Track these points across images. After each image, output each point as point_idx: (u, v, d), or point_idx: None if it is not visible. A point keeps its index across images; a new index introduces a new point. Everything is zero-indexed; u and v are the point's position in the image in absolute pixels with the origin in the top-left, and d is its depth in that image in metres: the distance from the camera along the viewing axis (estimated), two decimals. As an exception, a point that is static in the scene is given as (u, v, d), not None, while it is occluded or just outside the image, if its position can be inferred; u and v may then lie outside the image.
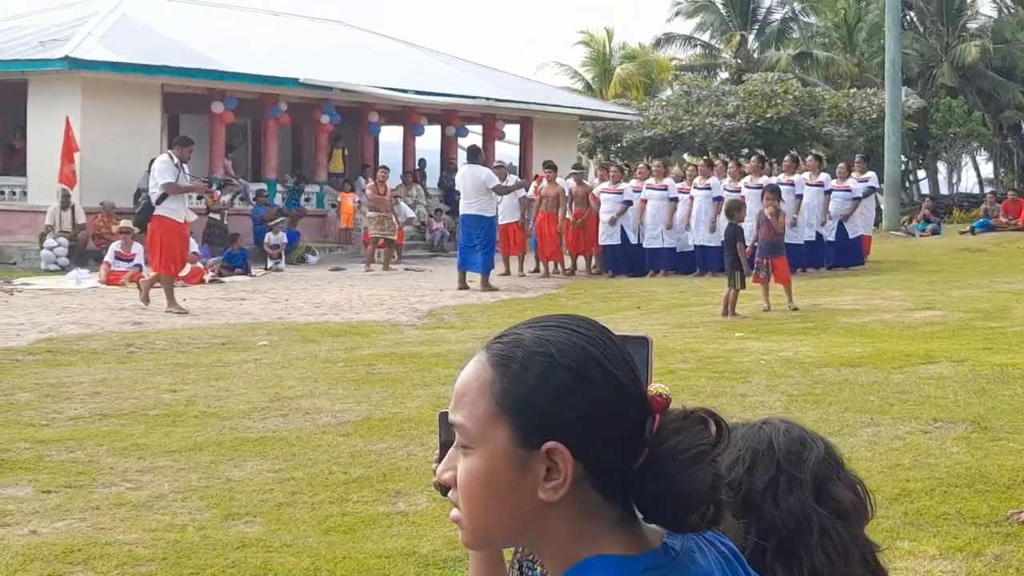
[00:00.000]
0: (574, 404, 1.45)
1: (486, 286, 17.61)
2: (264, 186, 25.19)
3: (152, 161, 16.26)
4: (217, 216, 23.13)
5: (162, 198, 14.22)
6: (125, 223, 19.51)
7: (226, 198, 23.58)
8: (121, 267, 18.61)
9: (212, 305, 15.42)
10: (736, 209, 13.97)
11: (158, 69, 22.75)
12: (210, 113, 24.60)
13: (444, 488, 1.62)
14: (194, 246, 19.34)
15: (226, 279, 19.36)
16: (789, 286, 13.96)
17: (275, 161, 25.89)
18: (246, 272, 20.41)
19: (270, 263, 21.80)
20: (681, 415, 1.45)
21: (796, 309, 13.48)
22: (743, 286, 13.15)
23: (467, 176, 18.11)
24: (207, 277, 18.94)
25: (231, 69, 23.97)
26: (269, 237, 22.24)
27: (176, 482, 6.04)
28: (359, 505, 5.63)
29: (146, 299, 14.75)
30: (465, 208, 17.97)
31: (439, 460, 2.34)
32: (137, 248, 18.91)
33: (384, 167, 24.28)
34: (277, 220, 22.85)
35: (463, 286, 17.69)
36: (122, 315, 14.00)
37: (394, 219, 22.61)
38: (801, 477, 1.64)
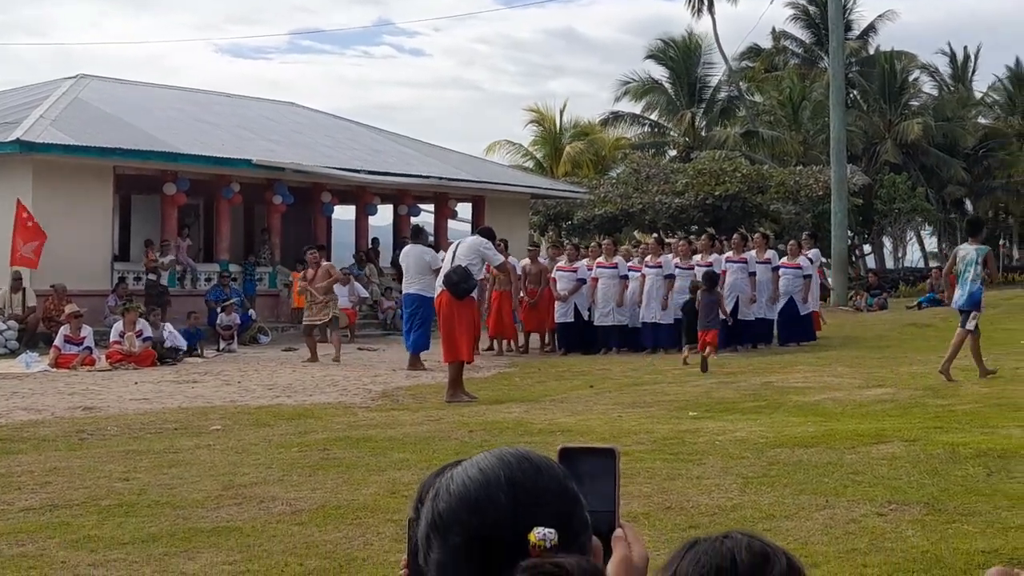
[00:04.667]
0: (435, 548, 1.55)
1: (415, 365, 17.37)
2: (216, 267, 25.11)
3: (456, 244, 14.49)
4: (154, 277, 23.11)
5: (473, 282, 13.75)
6: (72, 307, 19.37)
7: (165, 259, 23.53)
8: (71, 351, 18.43)
9: (164, 388, 15.29)
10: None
11: (110, 151, 22.73)
12: (162, 194, 24.59)
13: None
14: (148, 330, 19.24)
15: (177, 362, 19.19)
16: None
17: (228, 242, 25.86)
18: (198, 353, 20.25)
19: (222, 344, 21.67)
20: (533, 566, 1.46)
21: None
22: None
23: (410, 255, 17.68)
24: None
25: (183, 151, 23.99)
26: (221, 318, 22.14)
27: (129, 576, 5.96)
28: (316, 597, 5.57)
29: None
30: (407, 287, 17.70)
31: (407, 566, 2.35)
32: (87, 331, 18.79)
33: (311, 249, 20.77)
34: (230, 300, 22.77)
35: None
36: (72, 400, 13.85)
37: (329, 302, 19.72)
38: (764, 593, 1.66)
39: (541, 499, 1.53)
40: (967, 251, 13.68)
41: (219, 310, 22.46)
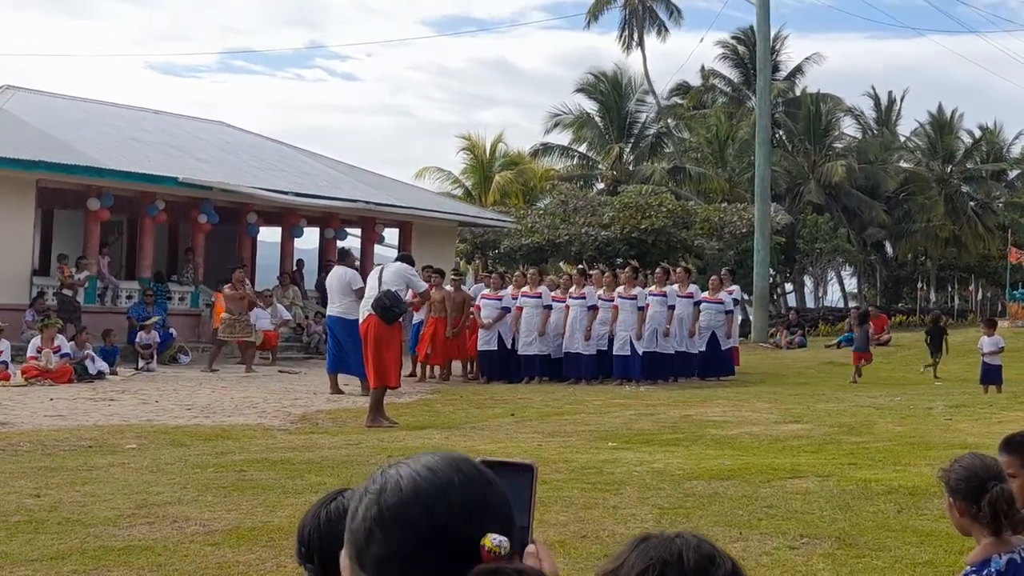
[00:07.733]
0: (377, 543, 1.50)
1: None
2: (137, 284, 24.80)
3: (380, 269, 14.67)
4: (69, 293, 22.73)
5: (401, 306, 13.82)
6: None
7: (81, 275, 23.14)
8: (-14, 365, 18.11)
9: (79, 406, 15.06)
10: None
11: (33, 164, 22.38)
12: (86, 209, 24.27)
13: None
14: (66, 346, 18.96)
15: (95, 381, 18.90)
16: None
17: (150, 259, 25.56)
18: (111, 371, 19.87)
19: (141, 363, 21.38)
20: (491, 571, 1.46)
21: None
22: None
23: (333, 276, 17.68)
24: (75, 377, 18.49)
25: (109, 166, 23.70)
26: (141, 336, 21.84)
27: (37, 593, 5.87)
28: (227, 618, 5.53)
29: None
30: (329, 310, 17.78)
31: None
32: (4, 345, 18.49)
33: (241, 267, 23.17)
34: (151, 319, 22.48)
35: (336, 390, 17.47)
36: (-16, 415, 13.59)
37: (250, 320, 21.85)
38: (709, 593, 1.70)
39: (489, 506, 1.54)
40: None
41: (139, 328, 22.16)
